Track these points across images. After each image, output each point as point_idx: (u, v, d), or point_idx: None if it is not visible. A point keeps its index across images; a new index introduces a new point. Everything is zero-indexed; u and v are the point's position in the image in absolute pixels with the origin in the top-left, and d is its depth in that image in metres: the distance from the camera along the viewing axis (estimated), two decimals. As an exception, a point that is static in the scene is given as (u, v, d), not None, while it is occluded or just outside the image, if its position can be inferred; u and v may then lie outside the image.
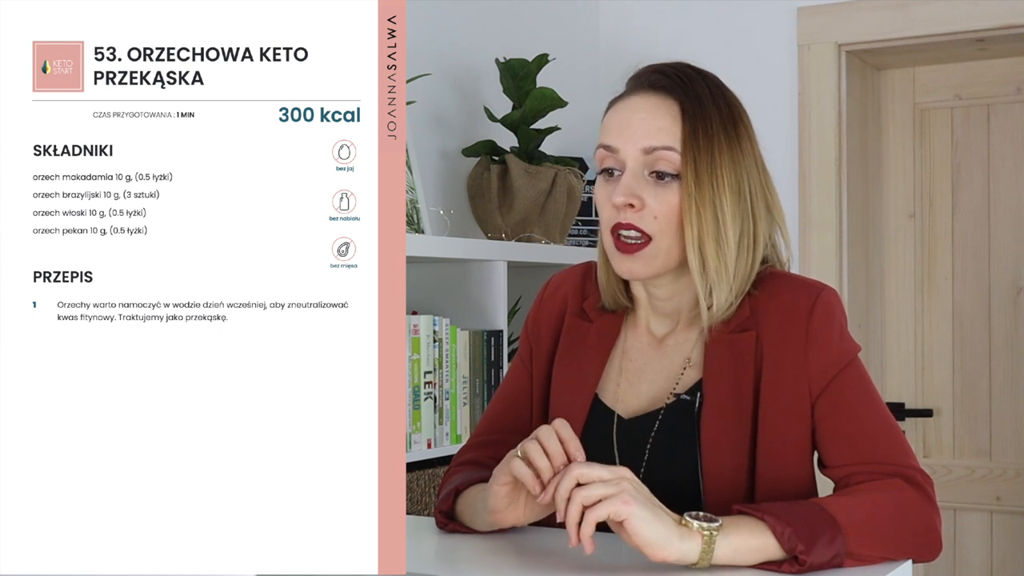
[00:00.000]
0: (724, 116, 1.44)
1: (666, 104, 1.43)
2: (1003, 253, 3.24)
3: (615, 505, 1.22)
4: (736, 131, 1.44)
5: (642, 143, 1.42)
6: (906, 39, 3.08)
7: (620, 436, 1.47)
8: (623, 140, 1.43)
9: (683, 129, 1.41)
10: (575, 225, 3.06)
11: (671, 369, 1.49)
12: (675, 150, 1.41)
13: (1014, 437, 3.23)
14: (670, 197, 1.41)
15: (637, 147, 1.42)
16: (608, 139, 1.44)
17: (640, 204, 1.41)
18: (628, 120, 1.43)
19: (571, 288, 1.59)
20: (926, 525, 1.35)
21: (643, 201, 1.41)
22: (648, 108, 1.43)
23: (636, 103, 1.44)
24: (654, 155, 1.41)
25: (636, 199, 1.41)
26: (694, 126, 1.41)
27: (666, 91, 1.44)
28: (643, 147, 1.41)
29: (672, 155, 1.41)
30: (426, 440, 2.38)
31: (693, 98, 1.43)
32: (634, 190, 1.41)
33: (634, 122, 1.43)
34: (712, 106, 1.43)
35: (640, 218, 1.41)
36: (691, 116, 1.42)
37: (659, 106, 1.43)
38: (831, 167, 3.12)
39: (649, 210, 1.41)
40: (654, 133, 1.41)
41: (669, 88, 1.44)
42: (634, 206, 1.41)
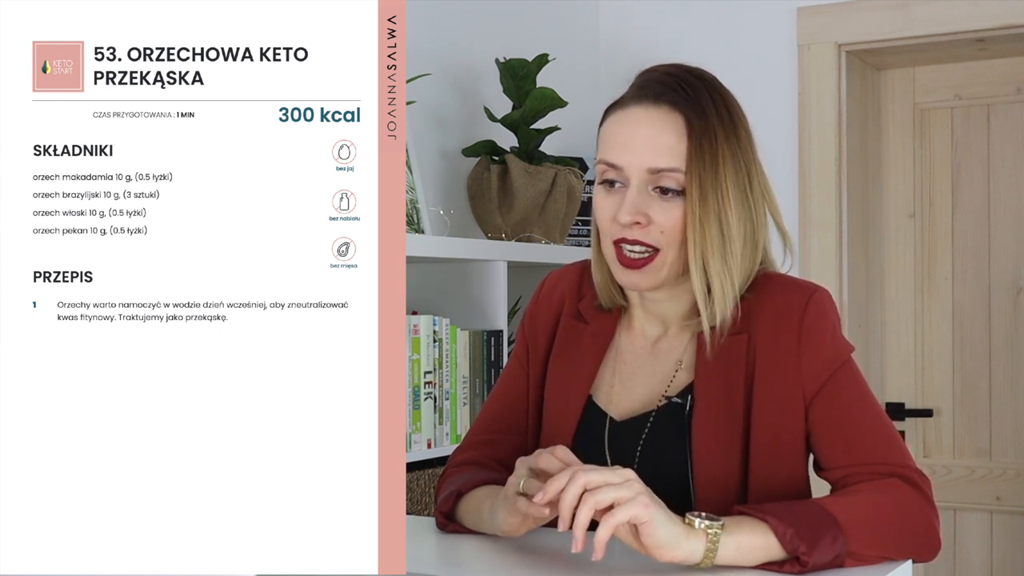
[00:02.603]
0: (726, 125, 1.42)
1: (671, 118, 1.40)
2: (1003, 253, 3.24)
3: (636, 508, 1.21)
4: (738, 138, 1.43)
5: (647, 163, 1.39)
6: (906, 39, 3.08)
7: (612, 438, 1.47)
8: (627, 158, 1.40)
9: (688, 146, 1.39)
10: (575, 225, 3.06)
11: (663, 372, 1.49)
12: (680, 171, 1.39)
13: (1014, 437, 3.23)
14: (675, 211, 1.39)
15: (642, 167, 1.39)
16: (611, 156, 1.42)
17: (647, 221, 1.40)
18: (632, 136, 1.41)
19: (567, 287, 1.58)
20: (925, 525, 1.35)
21: (649, 218, 1.40)
22: (652, 123, 1.40)
23: (639, 116, 1.41)
24: (659, 175, 1.39)
25: (643, 216, 1.39)
26: (699, 142, 1.39)
27: (671, 104, 1.41)
28: (648, 167, 1.39)
29: (677, 175, 1.39)
30: (426, 440, 2.38)
31: (697, 111, 1.40)
32: (640, 207, 1.39)
33: (638, 139, 1.40)
34: (715, 116, 1.41)
35: (646, 233, 1.40)
36: (696, 131, 1.39)
37: (664, 121, 1.40)
38: (831, 167, 3.12)
39: (655, 225, 1.40)
40: (660, 153, 1.39)
41: (674, 101, 1.41)
42: (640, 223, 1.40)
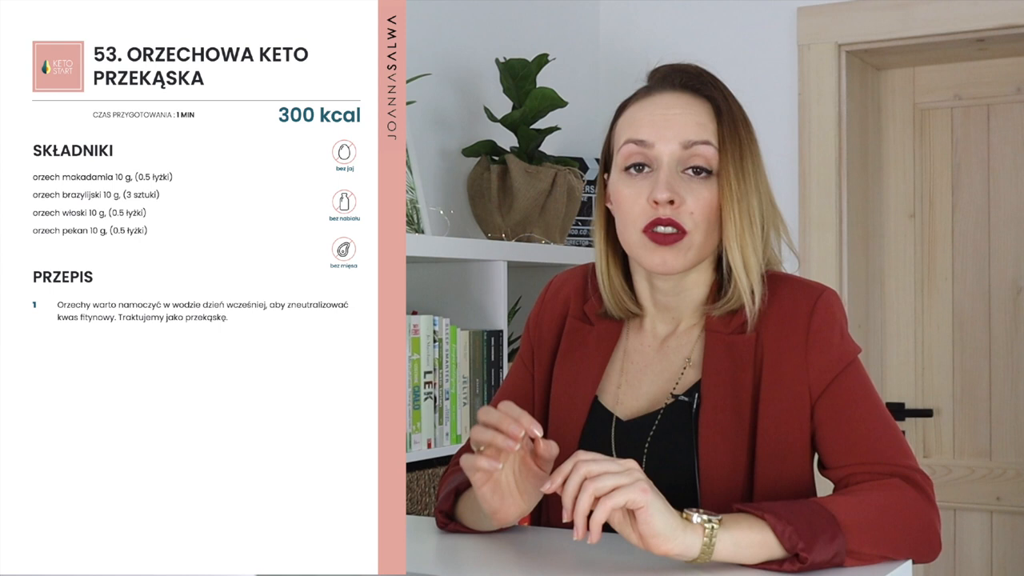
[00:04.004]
0: (743, 117, 1.47)
1: (699, 102, 1.45)
2: (1003, 253, 3.24)
3: (633, 493, 1.21)
4: (750, 131, 1.47)
5: (682, 136, 1.42)
6: (906, 39, 3.08)
7: (618, 438, 1.47)
8: (659, 134, 1.43)
9: (719, 127, 1.43)
10: (575, 225, 3.06)
11: (671, 370, 1.49)
12: (712, 145, 1.42)
13: (1014, 437, 3.23)
14: (706, 193, 1.42)
15: (676, 141, 1.42)
16: (640, 133, 1.44)
17: (680, 200, 1.41)
18: (664, 116, 1.44)
19: (573, 290, 1.58)
20: (926, 525, 1.35)
21: (682, 197, 1.41)
22: (683, 105, 1.44)
23: (669, 100, 1.45)
24: (692, 150, 1.42)
25: (677, 195, 1.41)
26: (729, 124, 1.43)
27: (696, 91, 1.45)
28: (683, 141, 1.42)
29: (710, 150, 1.42)
30: (426, 440, 2.38)
31: (721, 99, 1.45)
32: (673, 186, 1.41)
33: (671, 117, 1.43)
34: (736, 106, 1.46)
35: (679, 214, 1.41)
36: (724, 116, 1.44)
37: (693, 103, 1.44)
38: (831, 167, 3.12)
39: (687, 207, 1.41)
40: (693, 128, 1.43)
41: (699, 89, 1.45)
42: (674, 202, 1.41)
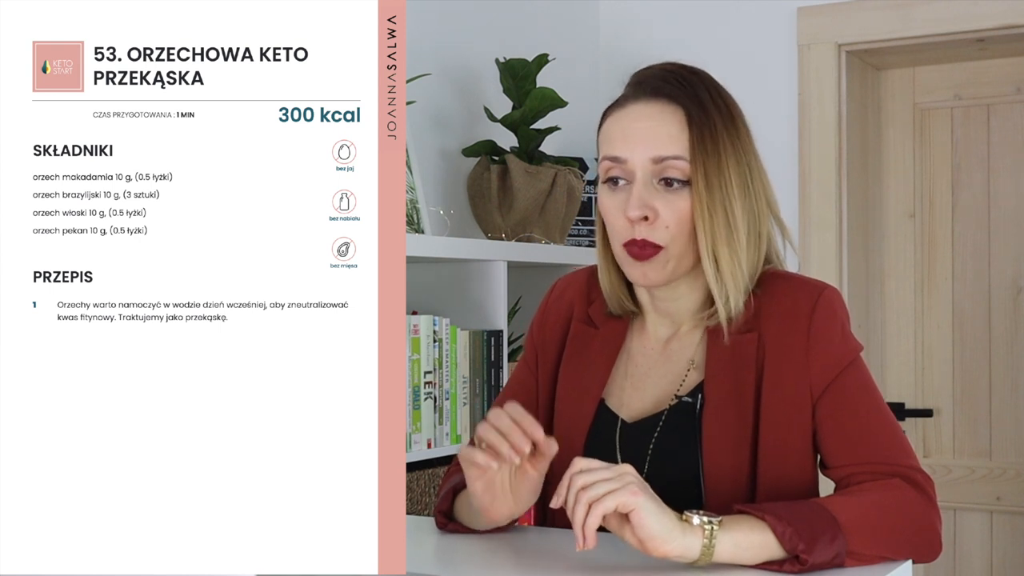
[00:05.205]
0: (725, 117, 1.43)
1: (670, 110, 1.42)
2: (1003, 253, 3.24)
3: (623, 496, 1.22)
4: (736, 130, 1.44)
5: (651, 152, 1.41)
6: (906, 39, 3.08)
7: (623, 440, 1.47)
8: (630, 150, 1.41)
9: (690, 136, 1.40)
10: (575, 225, 3.06)
11: (675, 372, 1.49)
12: (684, 159, 1.40)
13: (1014, 437, 3.23)
14: (681, 204, 1.40)
15: (646, 156, 1.41)
16: (614, 150, 1.43)
17: (654, 215, 1.40)
18: (633, 129, 1.42)
19: (576, 293, 1.58)
20: (926, 525, 1.35)
21: (656, 211, 1.40)
22: (653, 116, 1.42)
23: (639, 111, 1.43)
24: (663, 164, 1.40)
25: (650, 210, 1.40)
26: (700, 132, 1.41)
27: (669, 97, 1.43)
28: (652, 156, 1.41)
29: (681, 163, 1.40)
30: (426, 440, 2.38)
31: (696, 103, 1.42)
32: (646, 201, 1.40)
33: (640, 131, 1.42)
34: (713, 108, 1.43)
35: (652, 231, 1.41)
36: (696, 122, 1.41)
37: (663, 112, 1.42)
38: (831, 167, 3.12)
39: (661, 220, 1.40)
40: (663, 142, 1.41)
41: (672, 95, 1.43)
42: (648, 218, 1.40)
